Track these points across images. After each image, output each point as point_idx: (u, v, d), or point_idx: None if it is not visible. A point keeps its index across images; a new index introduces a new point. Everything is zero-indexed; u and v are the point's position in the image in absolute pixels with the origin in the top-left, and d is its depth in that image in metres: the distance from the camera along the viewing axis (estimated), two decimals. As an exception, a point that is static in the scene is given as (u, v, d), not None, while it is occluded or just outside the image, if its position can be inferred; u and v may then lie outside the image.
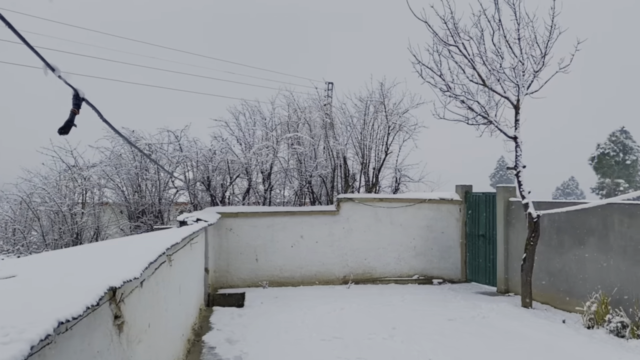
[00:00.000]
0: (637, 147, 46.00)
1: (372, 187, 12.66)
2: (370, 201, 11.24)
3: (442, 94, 9.48)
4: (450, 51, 9.23)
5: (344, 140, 12.44)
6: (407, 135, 12.50)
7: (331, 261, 11.04)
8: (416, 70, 9.56)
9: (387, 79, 12.42)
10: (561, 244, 8.81)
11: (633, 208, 7.35)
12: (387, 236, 11.30)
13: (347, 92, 12.18)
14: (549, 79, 8.98)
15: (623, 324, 6.90)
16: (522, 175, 8.96)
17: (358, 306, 8.64)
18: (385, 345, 6.48)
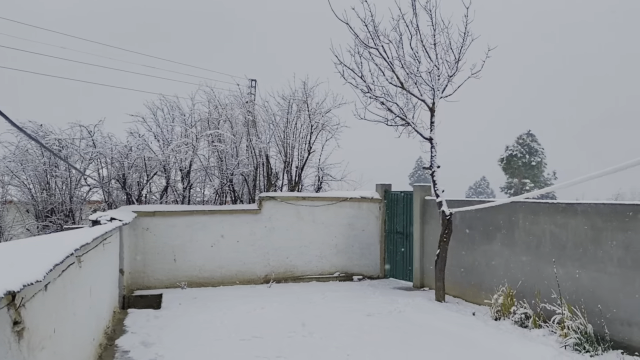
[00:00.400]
0: (542, 150, 49.44)
1: (295, 186, 12.71)
2: (293, 200, 11.27)
3: (363, 95, 9.70)
4: (370, 53, 9.45)
5: (267, 139, 12.39)
6: (329, 134, 12.67)
7: (253, 260, 10.95)
8: (338, 71, 9.72)
9: (310, 78, 12.49)
10: (472, 240, 9.29)
11: (535, 206, 7.89)
12: (309, 234, 11.38)
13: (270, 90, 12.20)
14: (461, 83, 9.43)
15: (526, 315, 7.39)
16: (437, 174, 9.35)
17: (279, 305, 8.64)
18: (305, 342, 6.52)
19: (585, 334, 6.29)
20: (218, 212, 10.83)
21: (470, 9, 9.18)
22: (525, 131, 50.11)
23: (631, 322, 6.17)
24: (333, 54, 9.60)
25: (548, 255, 7.50)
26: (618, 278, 6.39)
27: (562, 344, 6.34)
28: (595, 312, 6.56)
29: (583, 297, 6.79)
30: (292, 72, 12.68)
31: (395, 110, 9.56)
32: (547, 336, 6.75)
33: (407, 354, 6.08)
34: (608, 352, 6.20)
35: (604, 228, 6.63)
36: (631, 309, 6.20)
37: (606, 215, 6.62)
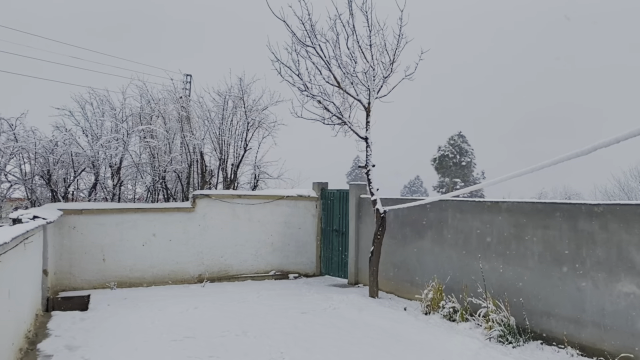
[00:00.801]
0: (472, 150, 51.50)
1: (231, 184, 12.55)
2: (228, 198, 11.13)
3: (300, 93, 9.72)
4: (308, 52, 9.48)
5: (201, 135, 12.16)
6: (266, 132, 12.61)
7: (186, 260, 10.71)
8: (275, 68, 9.69)
9: (247, 74, 12.41)
10: (404, 237, 9.53)
11: (463, 205, 8.21)
12: (244, 233, 11.27)
13: (205, 85, 11.92)
14: (396, 84, 9.65)
15: (454, 309, 7.68)
16: (372, 173, 9.52)
17: (212, 304, 8.50)
18: (238, 341, 6.46)
19: (508, 326, 6.61)
20: (150, 210, 10.51)
21: (405, 12, 9.44)
22: (456, 132, 52.01)
23: (550, 314, 6.55)
24: (270, 51, 9.57)
25: (475, 251, 7.83)
26: (538, 272, 6.77)
27: (487, 337, 6.63)
28: (517, 305, 6.91)
29: (507, 291, 7.14)
30: (228, 68, 12.51)
31: (332, 109, 9.64)
32: (474, 329, 7.04)
33: (339, 349, 6.16)
34: (529, 342, 6.55)
35: (526, 225, 6.99)
36: (550, 301, 6.57)
37: (528, 213, 6.98)
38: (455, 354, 6.04)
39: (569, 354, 6.09)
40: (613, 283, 5.83)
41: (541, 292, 6.70)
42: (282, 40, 9.77)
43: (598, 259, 6.01)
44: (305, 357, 5.88)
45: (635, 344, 5.56)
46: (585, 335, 6.10)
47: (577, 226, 6.28)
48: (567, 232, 6.41)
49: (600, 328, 5.94)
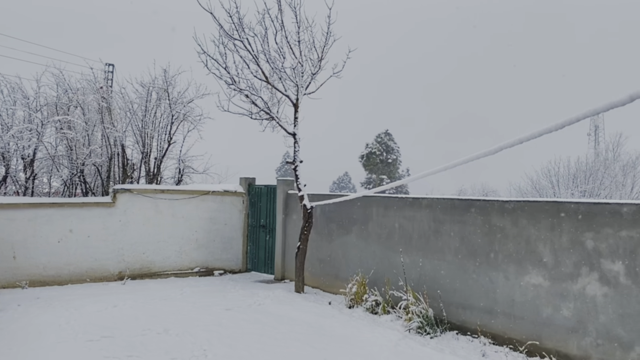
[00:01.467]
0: (397, 148, 53.01)
1: (154, 178, 12.16)
2: (151, 192, 10.78)
3: (227, 87, 9.58)
4: (235, 45, 9.36)
5: (123, 127, 11.67)
6: (191, 125, 12.31)
7: (105, 256, 10.28)
8: (201, 61, 9.49)
9: (172, 66, 12.01)
10: (331, 232, 9.67)
11: (387, 200, 8.45)
12: (168, 229, 10.97)
13: (128, 76, 11.42)
14: (324, 81, 9.75)
15: (377, 302, 7.89)
16: (300, 169, 9.57)
17: (133, 302, 8.22)
18: (159, 339, 6.29)
19: (427, 317, 6.88)
20: (66, 205, 9.97)
21: (333, 10, 9.54)
22: (383, 130, 53.31)
23: (465, 305, 6.89)
24: (196, 43, 9.36)
25: (397, 246, 8.08)
26: (455, 266, 7.09)
27: (406, 328, 6.87)
28: (435, 297, 7.21)
29: (426, 284, 7.43)
30: (153, 59, 12.10)
31: (259, 104, 9.58)
32: (395, 321, 7.27)
33: (264, 345, 6.16)
34: (445, 333, 6.86)
35: (444, 220, 7.31)
36: (465, 293, 6.91)
37: (446, 208, 7.29)
38: (376, 346, 6.22)
39: (482, 342, 6.44)
40: (522, 275, 6.22)
41: (457, 284, 7.02)
42: (209, 32, 9.57)
43: (509, 253, 6.39)
44: (229, 353, 5.83)
45: (541, 332, 5.96)
46: (497, 325, 6.47)
47: (491, 221, 6.63)
48: (481, 227, 6.76)
49: (510, 318, 6.32)
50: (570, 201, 5.81)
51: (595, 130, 51.17)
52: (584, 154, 38.36)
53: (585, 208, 5.64)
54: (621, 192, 30.37)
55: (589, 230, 5.56)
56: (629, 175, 33.34)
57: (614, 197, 29.60)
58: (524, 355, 5.99)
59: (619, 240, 5.28)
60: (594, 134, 51.03)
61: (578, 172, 33.55)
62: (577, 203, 5.74)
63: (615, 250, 5.31)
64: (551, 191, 31.40)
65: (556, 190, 32.57)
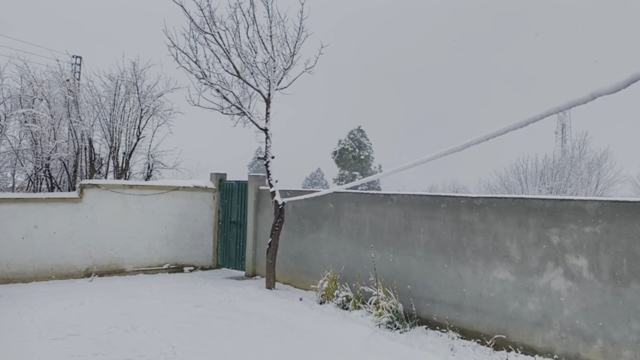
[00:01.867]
0: (370, 145, 53.31)
1: (122, 173, 11.94)
2: (119, 188, 10.58)
3: (197, 81, 9.46)
4: (206, 39, 9.24)
5: (91, 121, 11.40)
6: (161, 120, 12.11)
7: (72, 253, 10.05)
8: (172, 54, 9.34)
9: (142, 59, 11.78)
10: (302, 228, 9.66)
11: (358, 197, 8.48)
12: (136, 225, 10.79)
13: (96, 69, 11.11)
14: (296, 77, 9.71)
15: (347, 298, 7.92)
16: (271, 165, 9.52)
17: (100, 300, 8.07)
18: (127, 337, 6.18)
19: (397, 312, 6.94)
20: (31, 201, 9.70)
21: (305, 5, 9.51)
22: (356, 127, 53.54)
23: (434, 300, 6.97)
24: (166, 36, 9.21)
25: (368, 242, 8.12)
26: (424, 261, 7.17)
27: (377, 323, 6.92)
28: (405, 292, 7.28)
29: (396, 279, 7.49)
30: (122, 52, 11.85)
31: (231, 98, 9.49)
32: (365, 316, 7.31)
33: (234, 341, 6.11)
34: (415, 328, 6.93)
35: (415, 216, 7.37)
36: (434, 288, 7.00)
37: (416, 205, 7.36)
38: (346, 341, 6.24)
39: (450, 337, 6.53)
40: (490, 270, 6.32)
41: (427, 279, 7.10)
42: (180, 25, 9.43)
43: (477, 248, 6.48)
44: (198, 350, 5.77)
45: (508, 326, 6.08)
46: (465, 319, 6.57)
47: (460, 217, 6.72)
48: (450, 223, 6.84)
49: (478, 312, 6.42)
50: (536, 198, 5.93)
51: (562, 128, 52.42)
52: (552, 152, 39.31)
53: (550, 204, 5.76)
54: (586, 189, 31.21)
55: (554, 226, 5.68)
56: (594, 173, 34.30)
57: (580, 194, 30.41)
58: (491, 349, 6.10)
59: (583, 236, 5.41)
60: (561, 132, 52.28)
61: (545, 169, 34.35)
62: (542, 199, 5.86)
63: (579, 246, 5.45)
64: (519, 188, 32.06)
65: (524, 187, 33.27)
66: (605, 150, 34.28)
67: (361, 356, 5.73)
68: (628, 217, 5.06)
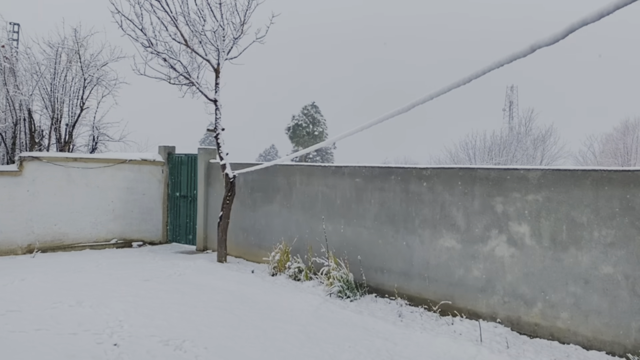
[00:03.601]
0: (324, 120, 53.26)
1: (65, 145, 11.45)
2: (62, 161, 10.15)
3: (144, 50, 9.12)
4: (152, 5, 8.88)
5: (29, 91, 10.82)
6: (106, 90, 11.63)
7: (12, 229, 9.61)
8: (116, 21, 8.95)
9: (84, 26, 11.19)
10: (254, 202, 9.58)
11: (310, 169, 8.46)
12: (81, 199, 10.41)
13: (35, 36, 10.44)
14: (246, 47, 9.49)
15: (299, 269, 7.95)
16: (222, 137, 9.35)
17: (44, 275, 7.79)
18: (71, 312, 6.00)
19: (347, 282, 7.03)
20: (-35, 174, 9.20)
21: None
22: (310, 102, 53.28)
23: (383, 269, 7.10)
24: (110, 1, 8.79)
25: (320, 214, 8.15)
26: (374, 232, 7.26)
27: (328, 293, 6.99)
28: (356, 262, 7.37)
29: (347, 250, 7.57)
30: (62, 17, 11.23)
31: (179, 68, 9.21)
32: (316, 287, 7.37)
33: (183, 314, 6.04)
34: (365, 296, 7.05)
35: (366, 188, 7.43)
36: (383, 258, 7.11)
37: (367, 176, 7.42)
38: (297, 310, 6.28)
39: (399, 304, 6.68)
40: (437, 239, 6.47)
41: (376, 249, 7.21)
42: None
43: (425, 218, 6.61)
44: (146, 323, 5.67)
45: (454, 292, 6.26)
46: (413, 287, 6.72)
47: (409, 188, 6.83)
48: (399, 194, 6.94)
49: (425, 280, 6.58)
50: (482, 167, 6.08)
51: (510, 106, 53.92)
52: (499, 129, 40.49)
53: (495, 174, 5.92)
54: (532, 164, 32.43)
55: (498, 195, 5.85)
56: (539, 149, 35.67)
57: (524, 169, 31.47)
58: (437, 315, 6.28)
59: (526, 204, 5.60)
60: (509, 110, 53.77)
61: (493, 145, 35.41)
62: (488, 169, 6.01)
63: (522, 214, 5.64)
64: (468, 163, 32.95)
65: (472, 162, 34.21)
66: (550, 126, 35.65)
67: (311, 324, 5.79)
68: (568, 184, 5.27)
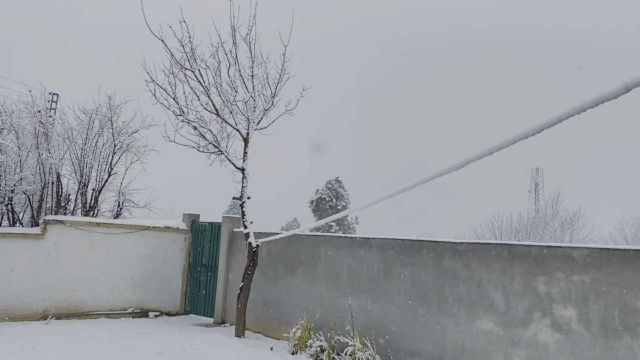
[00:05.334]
0: (347, 195, 53.28)
1: (90, 210, 11.42)
2: (86, 225, 10.06)
3: (175, 118, 9.22)
4: (186, 76, 9.08)
5: (60, 155, 10.97)
6: (135, 157, 11.74)
7: (29, 293, 9.39)
8: (149, 90, 9.14)
9: (119, 94, 11.49)
10: (276, 273, 9.23)
11: (336, 240, 8.16)
12: (101, 265, 10.21)
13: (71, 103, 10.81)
14: (276, 118, 9.54)
15: (322, 348, 7.45)
16: (247, 205, 9.19)
17: (55, 343, 7.44)
18: (79, 386, 5.62)
19: (374, 364, 6.51)
20: (-12, 235, 9.14)
21: (288, 48, 9.46)
22: (334, 177, 53.59)
23: (413, 352, 6.57)
24: (145, 71, 9.02)
25: (345, 288, 7.74)
26: (404, 310, 6.81)
27: (352, 376, 6.47)
28: (384, 343, 6.87)
29: (374, 329, 7.08)
30: (98, 86, 11.57)
31: (208, 137, 9.25)
32: (340, 368, 6.85)
33: (197, 393, 5.60)
34: (393, 381, 6.49)
35: (395, 262, 7.07)
36: (413, 339, 6.61)
37: (396, 249, 7.07)
38: (320, 395, 5.77)
39: (431, 392, 6.11)
40: (473, 320, 6.00)
41: (406, 329, 6.73)
42: (159, 61, 9.24)
43: (460, 297, 6.18)
44: (156, 402, 5.24)
45: (491, 380, 5.71)
46: (446, 372, 6.17)
47: (442, 264, 6.45)
48: (432, 270, 6.55)
49: (459, 365, 6.04)
50: (522, 244, 5.71)
51: (536, 187, 53.31)
52: (526, 210, 39.76)
53: (537, 251, 5.54)
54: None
55: (541, 274, 5.44)
56: (567, 232, 34.64)
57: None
58: (474, 406, 5.70)
59: (571, 285, 5.17)
60: (534, 191, 53.11)
61: (520, 226, 34.58)
62: (528, 246, 5.64)
63: (567, 296, 5.20)
64: (495, 243, 32.01)
65: (499, 242, 33.14)
66: (578, 209, 34.79)
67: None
68: (619, 265, 4.86)
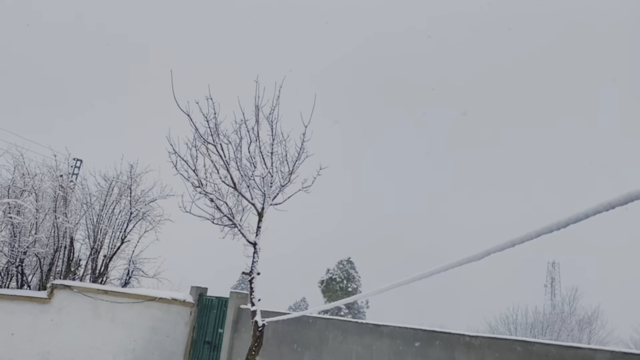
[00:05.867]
0: (358, 277, 52.36)
1: (99, 277, 11.32)
2: (93, 292, 9.94)
3: (193, 189, 9.33)
4: (208, 149, 9.29)
5: (76, 219, 11.06)
6: (150, 225, 11.77)
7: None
8: (171, 161, 9.33)
9: (140, 163, 11.77)
10: (281, 356, 8.89)
11: (345, 325, 7.90)
12: (104, 335, 9.96)
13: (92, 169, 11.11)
14: (292, 194, 9.60)
15: None
16: (256, 282, 9.03)
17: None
18: None
19: None
20: (-6, 296, 9.05)
21: (309, 128, 9.71)
22: (345, 257, 52.96)
23: None
24: (169, 143, 9.26)
25: (352, 377, 7.39)
26: (414, 405, 6.43)
27: None
28: None
29: None
30: (121, 154, 11.87)
31: (224, 209, 9.29)
32: None
33: None
34: None
35: (406, 352, 6.76)
36: None
37: (409, 339, 6.79)
38: None
39: None
40: (487, 422, 5.62)
41: None
42: (183, 134, 9.50)
43: (473, 395, 5.83)
44: None
45: None
46: None
47: (455, 356, 6.15)
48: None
49: None
50: (540, 342, 5.45)
51: (552, 282, 51.98)
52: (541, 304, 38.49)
53: (555, 351, 5.27)
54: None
55: (560, 375, 5.14)
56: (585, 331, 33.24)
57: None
58: None
59: (593, 390, 4.86)
60: (550, 286, 51.73)
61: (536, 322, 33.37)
62: (547, 345, 5.38)
63: (588, 401, 4.87)
64: (510, 338, 30.79)
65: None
66: (596, 308, 33.61)
67: None
68: (644, 372, 4.57)
